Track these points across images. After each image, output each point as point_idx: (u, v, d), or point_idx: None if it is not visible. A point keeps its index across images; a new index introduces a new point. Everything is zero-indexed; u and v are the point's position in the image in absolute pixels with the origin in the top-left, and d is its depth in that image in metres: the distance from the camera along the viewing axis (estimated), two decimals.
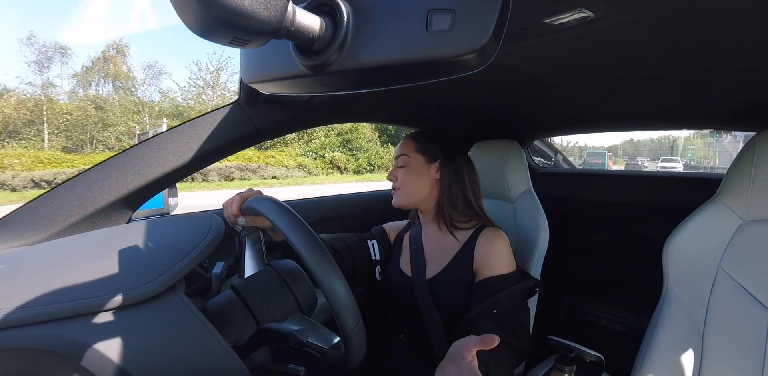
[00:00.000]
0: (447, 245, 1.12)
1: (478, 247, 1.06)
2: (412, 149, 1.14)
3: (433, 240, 1.16)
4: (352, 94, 1.14)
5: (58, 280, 0.61)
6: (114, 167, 0.91)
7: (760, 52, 0.77)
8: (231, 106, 1.01)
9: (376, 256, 1.23)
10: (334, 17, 0.41)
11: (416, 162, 1.12)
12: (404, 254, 1.21)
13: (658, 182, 1.75)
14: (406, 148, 1.14)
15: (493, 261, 1.02)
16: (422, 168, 1.12)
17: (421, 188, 1.12)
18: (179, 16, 0.33)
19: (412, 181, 1.12)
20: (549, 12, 0.63)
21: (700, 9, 0.62)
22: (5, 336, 0.54)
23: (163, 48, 54.86)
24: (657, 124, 1.60)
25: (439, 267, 1.09)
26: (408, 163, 1.13)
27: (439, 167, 1.13)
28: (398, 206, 1.15)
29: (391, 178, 1.16)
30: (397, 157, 1.15)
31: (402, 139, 1.18)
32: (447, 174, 1.13)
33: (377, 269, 1.22)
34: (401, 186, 1.13)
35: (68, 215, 0.86)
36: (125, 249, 0.68)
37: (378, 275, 1.21)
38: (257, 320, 0.75)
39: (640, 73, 0.96)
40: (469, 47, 0.36)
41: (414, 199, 1.14)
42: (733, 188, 1.00)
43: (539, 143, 2.28)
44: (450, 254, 1.10)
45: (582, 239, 1.90)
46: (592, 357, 1.05)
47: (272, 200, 0.74)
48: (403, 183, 1.13)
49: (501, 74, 1.02)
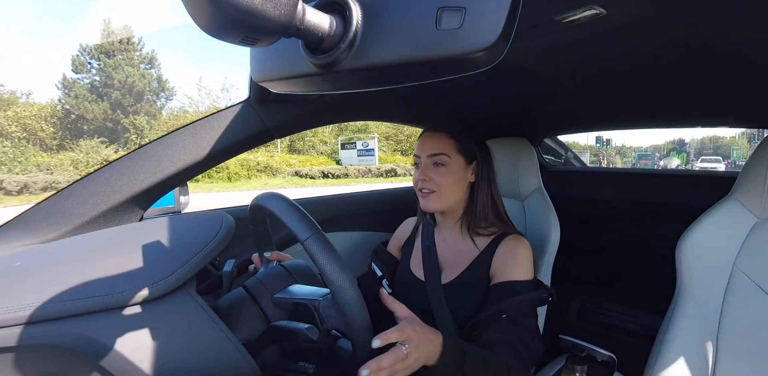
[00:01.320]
0: (464, 250, 1.06)
1: (498, 254, 1.01)
2: (452, 148, 1.03)
3: (449, 243, 1.10)
4: (362, 92, 1.14)
5: (71, 278, 0.62)
6: (126, 166, 0.92)
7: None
8: (241, 104, 1.02)
9: (379, 272, 1.19)
10: (343, 15, 0.41)
11: (456, 163, 1.03)
12: (415, 255, 1.15)
13: (671, 180, 1.73)
14: (445, 146, 1.03)
15: (511, 267, 0.98)
16: (461, 170, 1.04)
17: (458, 192, 1.05)
18: (190, 16, 0.33)
19: (451, 183, 1.03)
20: (560, 9, 0.62)
21: (711, 5, 0.61)
22: (21, 333, 0.55)
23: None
24: (670, 122, 1.58)
25: (455, 273, 1.04)
26: (448, 164, 1.02)
27: (474, 170, 1.06)
28: (432, 210, 1.06)
29: (423, 179, 1.04)
30: (432, 155, 1.03)
31: (428, 133, 1.07)
32: (482, 177, 1.06)
33: (384, 282, 1.17)
34: (438, 189, 1.02)
35: (82, 213, 0.87)
36: (137, 247, 0.69)
37: (387, 287, 1.16)
38: (267, 317, 0.76)
39: (652, 70, 0.95)
40: (479, 45, 0.36)
41: (450, 204, 1.06)
42: (748, 186, 0.99)
43: (550, 141, 2.26)
44: (467, 260, 1.04)
45: (593, 238, 1.89)
46: (604, 357, 1.04)
47: (282, 197, 0.74)
48: (441, 185, 1.02)
49: (511, 72, 1.02)
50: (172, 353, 0.60)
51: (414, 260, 1.14)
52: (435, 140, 1.04)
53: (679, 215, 1.20)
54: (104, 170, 0.91)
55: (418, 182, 1.05)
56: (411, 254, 1.17)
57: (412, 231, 1.23)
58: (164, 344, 0.59)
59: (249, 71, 0.59)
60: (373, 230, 1.70)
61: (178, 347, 0.60)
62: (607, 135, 30.88)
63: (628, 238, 1.80)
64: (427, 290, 1.03)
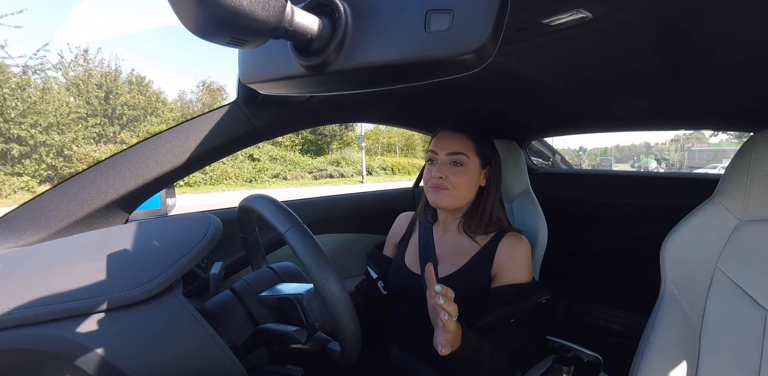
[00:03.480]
0: (463, 246, 1.07)
1: (500, 251, 1.02)
2: (472, 150, 1.04)
3: (448, 239, 1.11)
4: (351, 94, 1.13)
5: (55, 281, 0.61)
6: (112, 168, 0.91)
7: (756, 53, 0.77)
8: (229, 106, 1.01)
9: (374, 275, 1.19)
10: (332, 17, 0.41)
11: (473, 165, 1.04)
12: (411, 251, 1.15)
13: (657, 182, 1.75)
14: (465, 147, 1.04)
15: (514, 268, 0.99)
16: (476, 172, 1.06)
17: (470, 193, 1.07)
18: (177, 16, 0.33)
19: (466, 184, 1.04)
20: (547, 12, 0.63)
21: (697, 10, 0.62)
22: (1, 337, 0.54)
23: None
24: (655, 125, 1.60)
25: (453, 268, 1.05)
26: (466, 164, 1.04)
27: (487, 174, 1.08)
28: (441, 206, 1.06)
29: (440, 176, 1.04)
30: (452, 153, 1.04)
31: (448, 132, 1.08)
32: (491, 182, 1.08)
33: (379, 284, 1.17)
34: (453, 188, 1.03)
35: (66, 215, 0.86)
36: (123, 250, 0.68)
37: (383, 289, 1.17)
38: (255, 320, 0.76)
39: (638, 74, 0.96)
40: (468, 47, 0.36)
41: (460, 203, 1.07)
42: (730, 188, 1.00)
43: (537, 143, 2.28)
44: (466, 256, 1.05)
45: (580, 239, 1.90)
46: (590, 357, 1.05)
47: (266, 197, 0.74)
48: (456, 185, 1.03)
49: (500, 75, 1.02)
50: (157, 356, 0.59)
51: (409, 256, 1.14)
52: (456, 139, 1.05)
53: (664, 217, 1.21)
54: (89, 172, 0.90)
55: (432, 178, 1.05)
56: (406, 250, 1.17)
57: (407, 227, 1.23)
58: (149, 347, 0.59)
59: (237, 72, 0.58)
60: (364, 232, 1.70)
61: (164, 350, 0.60)
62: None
63: (614, 239, 1.82)
64: (424, 286, 1.03)
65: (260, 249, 0.96)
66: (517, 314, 0.93)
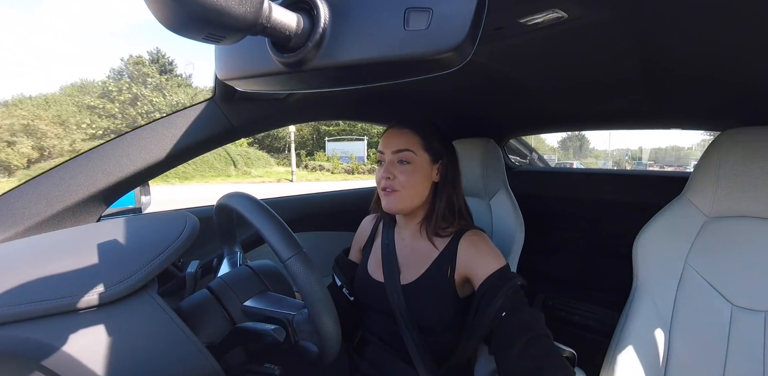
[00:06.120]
0: (423, 251, 1.02)
1: (461, 253, 0.97)
2: (419, 146, 0.98)
3: (408, 244, 1.06)
4: (329, 91, 1.13)
5: (23, 280, 0.59)
6: (82, 165, 0.88)
7: (723, 54, 0.80)
8: (205, 103, 0.99)
9: (339, 282, 1.15)
10: (311, 14, 0.41)
11: (422, 160, 0.98)
12: (374, 256, 1.11)
13: (630, 180, 1.80)
14: (411, 142, 0.98)
15: (485, 261, 0.93)
16: (426, 168, 0.99)
17: (422, 192, 1.00)
18: (151, 12, 0.32)
19: (416, 183, 0.98)
20: (524, 12, 0.64)
21: (667, 12, 0.64)
22: None
23: None
24: (627, 124, 1.64)
25: (414, 274, 1.00)
26: (413, 161, 0.97)
27: (440, 169, 1.01)
28: (395, 212, 1.00)
29: (387, 177, 0.98)
30: (398, 151, 0.98)
31: (394, 129, 1.02)
32: (446, 177, 1.02)
33: (344, 290, 1.13)
34: (402, 188, 0.97)
35: (34, 213, 0.83)
36: (95, 248, 0.66)
37: (349, 296, 1.12)
38: (233, 319, 0.75)
39: (611, 74, 0.99)
40: (446, 46, 0.36)
41: (414, 204, 1.00)
42: (699, 186, 1.04)
43: (515, 142, 2.31)
44: (427, 261, 1.00)
45: (556, 237, 1.94)
46: (565, 352, 1.07)
47: (245, 195, 0.73)
48: (405, 185, 0.97)
49: (478, 73, 1.03)
50: (131, 355, 0.58)
51: (373, 262, 1.11)
52: (400, 136, 0.99)
53: (636, 214, 1.25)
54: (59, 169, 0.87)
55: (381, 180, 1.00)
56: (370, 255, 1.13)
57: (371, 231, 1.19)
58: (122, 346, 0.57)
59: (214, 69, 0.57)
60: (337, 230, 1.70)
61: (137, 349, 0.59)
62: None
63: (589, 236, 1.86)
64: (387, 292, 1.00)
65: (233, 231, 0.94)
66: (507, 305, 0.85)
